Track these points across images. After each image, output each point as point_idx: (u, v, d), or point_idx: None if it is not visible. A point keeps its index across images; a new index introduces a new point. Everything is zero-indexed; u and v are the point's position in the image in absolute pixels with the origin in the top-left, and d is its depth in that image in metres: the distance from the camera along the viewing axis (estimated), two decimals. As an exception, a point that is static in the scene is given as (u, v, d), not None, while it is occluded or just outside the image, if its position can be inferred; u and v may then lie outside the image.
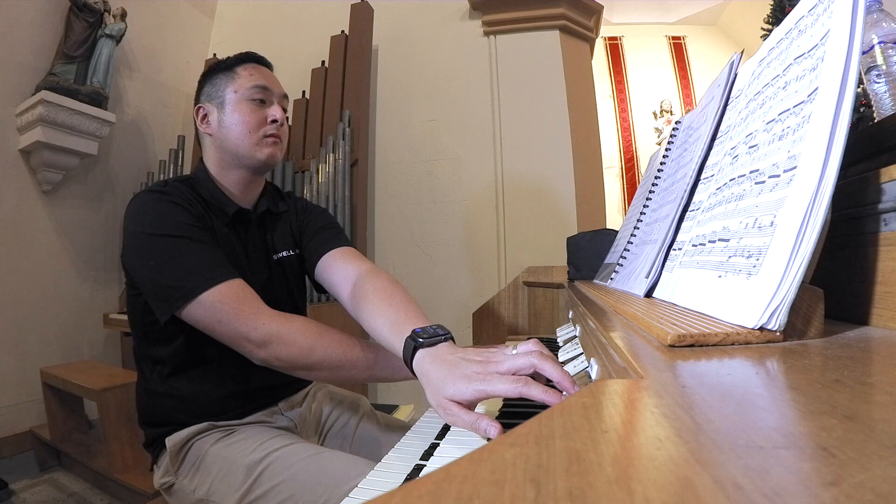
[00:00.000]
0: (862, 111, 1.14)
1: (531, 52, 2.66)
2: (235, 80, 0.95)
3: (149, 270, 0.80)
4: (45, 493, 1.95)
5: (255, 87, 0.94)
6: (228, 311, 0.76)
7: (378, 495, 0.17)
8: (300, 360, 0.77)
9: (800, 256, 0.33)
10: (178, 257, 0.79)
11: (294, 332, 0.77)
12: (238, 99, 0.93)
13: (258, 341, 0.76)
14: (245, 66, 0.97)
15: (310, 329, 0.78)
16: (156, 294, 0.80)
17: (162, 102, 3.31)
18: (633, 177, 4.99)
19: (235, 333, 0.77)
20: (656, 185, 0.90)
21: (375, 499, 0.16)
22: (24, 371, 2.40)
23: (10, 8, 2.41)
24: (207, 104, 0.97)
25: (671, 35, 5.15)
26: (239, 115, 0.93)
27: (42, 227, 2.60)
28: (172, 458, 0.85)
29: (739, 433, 0.19)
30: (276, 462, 0.78)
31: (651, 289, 0.62)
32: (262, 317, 0.77)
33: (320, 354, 0.77)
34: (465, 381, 0.52)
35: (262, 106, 0.95)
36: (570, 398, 0.26)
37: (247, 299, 0.78)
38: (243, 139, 0.93)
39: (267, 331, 0.76)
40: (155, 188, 0.88)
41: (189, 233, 0.81)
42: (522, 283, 1.57)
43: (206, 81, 0.99)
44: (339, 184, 2.48)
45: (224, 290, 0.77)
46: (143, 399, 0.93)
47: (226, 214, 0.94)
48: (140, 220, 0.82)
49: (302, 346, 0.77)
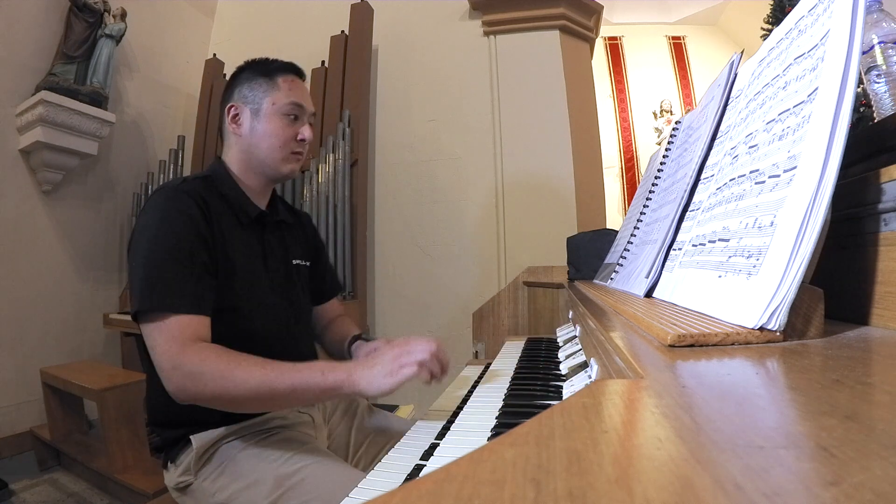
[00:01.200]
0: (862, 111, 1.14)
1: (531, 52, 2.66)
2: (275, 91, 0.96)
3: (135, 265, 0.81)
4: (45, 493, 1.95)
5: (293, 103, 0.96)
6: (161, 343, 0.76)
7: (378, 495, 0.17)
8: (210, 398, 0.75)
9: (800, 256, 0.33)
10: (157, 271, 0.79)
11: (204, 370, 0.73)
12: (274, 111, 0.95)
13: (171, 380, 0.75)
14: (285, 78, 0.98)
15: (220, 363, 0.74)
16: (132, 289, 0.81)
17: (162, 102, 3.31)
18: (633, 177, 4.99)
19: (158, 366, 0.76)
20: (656, 185, 0.90)
21: (375, 499, 0.16)
22: (24, 371, 2.40)
23: (10, 8, 2.41)
24: (241, 105, 0.97)
25: (671, 35, 5.15)
26: (272, 127, 0.95)
27: (42, 227, 2.60)
28: (197, 458, 0.85)
29: (739, 433, 0.19)
30: (308, 480, 0.77)
31: (651, 289, 0.62)
32: (183, 353, 0.75)
33: (232, 388, 0.73)
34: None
35: (295, 122, 0.98)
36: (570, 398, 0.26)
37: (182, 336, 0.76)
38: (273, 152, 0.96)
39: (179, 368, 0.74)
40: (170, 188, 0.87)
41: (181, 249, 0.81)
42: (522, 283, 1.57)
43: (244, 82, 0.99)
44: (339, 184, 2.48)
45: (173, 321, 0.76)
46: (160, 398, 0.88)
47: (247, 215, 0.95)
48: (147, 219, 0.84)
49: (214, 386, 0.73)
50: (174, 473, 0.88)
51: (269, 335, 0.92)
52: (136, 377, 1.98)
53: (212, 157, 2.95)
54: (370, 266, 2.78)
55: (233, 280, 0.88)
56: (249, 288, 0.90)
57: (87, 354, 2.76)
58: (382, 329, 2.77)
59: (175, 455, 0.89)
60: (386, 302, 2.80)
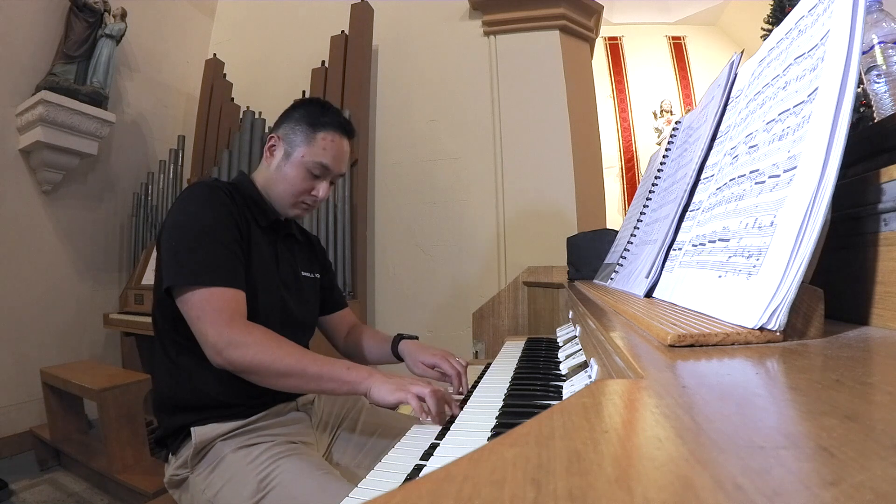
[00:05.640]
0: (862, 111, 1.14)
1: (531, 52, 2.66)
2: (311, 145, 0.99)
3: (175, 241, 0.87)
4: (45, 493, 1.95)
5: (321, 164, 1.00)
6: (209, 312, 0.83)
7: (378, 495, 0.17)
8: (250, 366, 0.81)
9: (800, 256, 0.33)
10: (199, 247, 0.86)
11: (250, 342, 0.82)
12: (301, 163, 0.99)
13: (216, 347, 0.81)
14: (326, 136, 1.00)
15: (266, 339, 0.83)
16: (168, 263, 0.87)
17: (162, 102, 3.31)
18: (633, 177, 4.99)
19: (204, 334, 0.82)
20: (656, 185, 0.90)
21: (375, 499, 0.16)
22: (24, 371, 2.40)
23: (10, 8, 2.41)
24: (280, 141, 1.02)
25: (671, 35, 5.15)
26: (293, 176, 1.00)
27: (42, 227, 2.60)
28: (195, 453, 0.87)
29: (739, 433, 0.19)
30: (286, 486, 0.81)
31: (651, 289, 0.62)
32: (231, 326, 0.82)
33: (270, 363, 0.81)
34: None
35: (315, 179, 1.02)
36: (570, 398, 0.26)
37: (229, 309, 0.84)
38: (284, 196, 1.01)
39: (226, 338, 0.81)
40: (207, 182, 0.95)
41: (219, 230, 0.88)
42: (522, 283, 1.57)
43: (293, 121, 1.01)
44: (339, 184, 2.48)
45: (218, 293, 0.84)
46: (168, 384, 0.94)
47: (266, 217, 1.01)
48: (184, 204, 0.91)
49: (254, 355, 0.81)
50: (173, 465, 0.91)
51: (276, 327, 0.94)
52: (136, 377, 1.98)
53: (212, 157, 2.96)
54: (370, 266, 2.78)
55: (252, 269, 0.93)
56: (262, 280, 0.95)
57: (87, 354, 2.76)
58: (382, 329, 2.76)
59: (176, 447, 0.91)
60: (386, 302, 2.80)
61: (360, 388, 0.81)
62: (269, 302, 0.95)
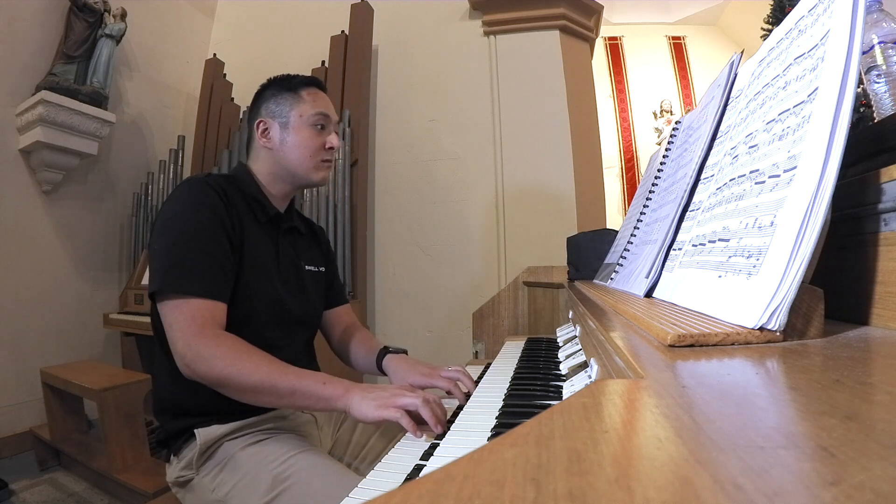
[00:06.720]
0: (862, 111, 1.14)
1: (531, 52, 2.66)
2: (300, 103, 1.00)
3: (159, 248, 0.86)
4: (45, 493, 1.95)
5: (319, 114, 1.01)
6: (180, 321, 0.80)
7: (378, 495, 0.17)
8: (216, 381, 0.78)
9: (800, 256, 0.33)
10: (178, 254, 0.84)
11: (217, 354, 0.78)
12: (302, 123, 1.00)
13: (184, 359, 0.79)
14: (308, 91, 1.02)
15: (233, 352, 0.79)
16: (150, 268, 0.86)
17: (162, 102, 3.31)
18: (633, 177, 4.99)
19: (173, 343, 0.80)
20: (656, 185, 0.90)
21: (375, 499, 0.16)
22: (24, 371, 2.40)
23: (10, 8, 2.40)
24: (269, 119, 1.01)
25: (671, 35, 5.15)
26: (301, 138, 1.00)
27: (42, 227, 2.60)
28: (200, 454, 0.87)
29: (739, 433, 0.19)
30: (303, 482, 0.79)
31: (651, 289, 0.62)
32: (200, 337, 0.79)
33: (238, 377, 0.77)
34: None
35: (322, 132, 1.02)
36: (570, 398, 0.26)
37: (200, 319, 0.80)
38: (304, 161, 1.00)
39: (194, 350, 0.78)
40: (198, 179, 0.93)
41: (202, 236, 0.85)
42: (522, 283, 1.57)
43: (269, 98, 1.02)
44: (339, 184, 2.48)
45: (192, 303, 0.81)
46: (168, 387, 0.92)
47: (265, 213, 0.99)
48: (171, 204, 0.89)
49: (222, 369, 0.77)
50: (176, 467, 0.90)
51: (270, 327, 0.95)
52: (136, 377, 1.98)
53: (212, 157, 2.96)
54: (370, 266, 2.78)
55: (246, 270, 0.91)
56: (260, 280, 0.93)
57: (87, 354, 2.75)
58: (382, 329, 2.77)
59: (179, 449, 0.90)
60: (386, 302, 2.80)
61: (336, 404, 0.76)
62: (265, 301, 0.94)
